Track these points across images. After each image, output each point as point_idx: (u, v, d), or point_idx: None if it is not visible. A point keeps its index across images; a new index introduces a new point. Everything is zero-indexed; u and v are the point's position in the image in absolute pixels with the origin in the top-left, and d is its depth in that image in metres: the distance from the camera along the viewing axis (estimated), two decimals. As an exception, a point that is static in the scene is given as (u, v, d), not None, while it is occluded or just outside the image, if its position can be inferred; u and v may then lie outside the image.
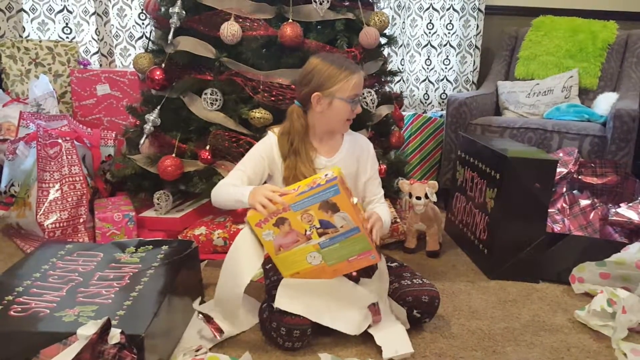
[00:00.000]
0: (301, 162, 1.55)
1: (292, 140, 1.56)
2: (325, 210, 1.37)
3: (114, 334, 1.13)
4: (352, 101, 1.54)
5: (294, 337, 1.41)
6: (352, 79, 1.51)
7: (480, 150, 2.16)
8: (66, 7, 3.02)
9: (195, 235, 2.07)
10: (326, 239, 1.40)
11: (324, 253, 1.43)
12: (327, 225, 1.39)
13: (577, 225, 2.23)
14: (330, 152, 1.62)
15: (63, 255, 1.59)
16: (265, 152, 1.59)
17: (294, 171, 1.54)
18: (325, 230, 1.40)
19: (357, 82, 1.53)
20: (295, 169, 1.54)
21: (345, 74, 1.51)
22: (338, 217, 1.38)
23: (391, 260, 1.67)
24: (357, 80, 1.53)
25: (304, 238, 1.41)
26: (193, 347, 1.40)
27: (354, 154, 1.64)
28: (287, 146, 1.56)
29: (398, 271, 1.60)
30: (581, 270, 1.86)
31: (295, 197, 1.37)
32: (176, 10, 2.07)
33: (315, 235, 1.40)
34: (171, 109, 2.16)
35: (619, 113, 2.42)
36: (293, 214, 1.38)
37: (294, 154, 1.56)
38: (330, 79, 1.51)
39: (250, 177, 1.58)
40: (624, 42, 3.04)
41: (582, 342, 1.55)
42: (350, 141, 1.66)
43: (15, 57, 2.87)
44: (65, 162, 2.14)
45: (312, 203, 1.36)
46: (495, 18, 3.38)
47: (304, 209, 1.37)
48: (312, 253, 1.43)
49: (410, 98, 3.47)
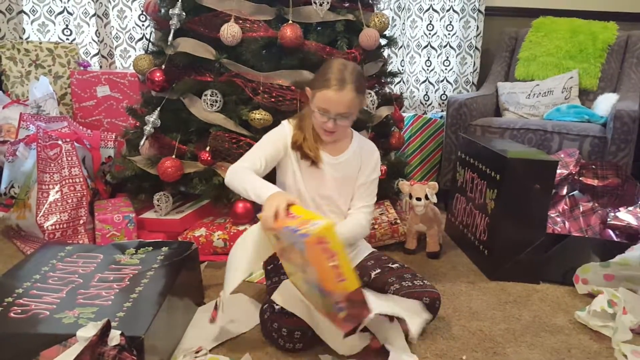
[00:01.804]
0: (309, 136, 1.57)
1: (303, 122, 1.59)
2: (298, 255, 1.27)
3: (114, 336, 1.13)
4: (321, 113, 1.50)
5: (295, 338, 1.40)
6: (326, 93, 1.47)
7: (480, 151, 2.16)
8: (66, 8, 3.02)
9: (195, 237, 2.07)
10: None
11: (307, 289, 1.36)
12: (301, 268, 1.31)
13: (577, 228, 2.23)
14: (336, 151, 1.62)
15: (63, 256, 1.59)
16: (281, 141, 1.59)
17: (301, 140, 1.57)
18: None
19: (330, 99, 1.47)
20: (304, 139, 1.57)
21: (325, 84, 1.48)
22: (309, 268, 1.27)
23: (392, 261, 1.66)
24: (332, 96, 1.47)
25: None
26: (193, 349, 1.40)
27: (359, 157, 1.64)
28: (300, 135, 1.58)
29: (399, 272, 1.59)
30: (585, 271, 1.85)
31: (281, 226, 1.28)
32: (176, 11, 2.07)
33: None
34: (171, 110, 2.16)
35: (619, 114, 2.42)
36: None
37: (305, 128, 1.58)
38: (317, 81, 1.52)
39: (268, 160, 1.57)
40: (624, 42, 3.04)
41: (582, 343, 1.55)
42: (359, 144, 1.66)
43: (16, 59, 2.87)
44: (65, 164, 2.14)
45: (289, 241, 1.28)
46: (495, 19, 3.38)
47: (288, 240, 1.29)
48: (302, 280, 1.36)
49: (410, 99, 3.47)
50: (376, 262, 1.65)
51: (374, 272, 1.61)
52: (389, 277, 1.57)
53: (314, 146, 1.58)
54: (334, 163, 1.61)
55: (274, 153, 1.58)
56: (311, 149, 1.57)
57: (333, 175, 1.61)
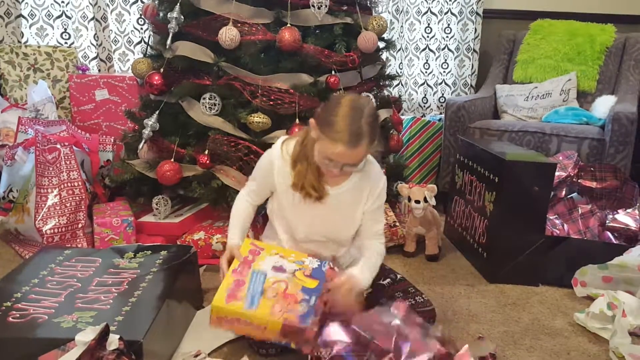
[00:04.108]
0: (311, 171, 1.45)
1: (306, 149, 1.46)
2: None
3: (113, 340, 1.13)
4: (327, 161, 1.38)
5: (267, 343, 1.40)
6: (337, 147, 1.33)
7: (479, 154, 2.16)
8: (65, 12, 3.02)
9: (194, 240, 2.06)
10: None
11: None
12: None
13: (576, 230, 2.23)
14: (336, 182, 1.50)
15: (61, 260, 1.58)
16: (266, 173, 1.52)
17: (303, 180, 1.46)
18: None
19: (341, 154, 1.34)
20: (305, 177, 1.46)
21: (337, 136, 1.32)
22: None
23: (384, 274, 1.64)
24: (343, 152, 1.33)
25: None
26: (192, 352, 1.40)
27: (362, 187, 1.52)
28: (299, 150, 1.47)
29: (390, 291, 1.58)
30: (583, 273, 1.85)
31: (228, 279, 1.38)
32: (174, 15, 2.07)
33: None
34: (170, 113, 2.16)
35: (618, 116, 2.43)
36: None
37: (305, 159, 1.46)
38: (327, 126, 1.35)
39: (259, 192, 1.59)
40: (621, 45, 3.05)
41: (581, 345, 1.55)
42: (363, 174, 1.51)
43: (14, 63, 2.87)
44: (64, 168, 2.14)
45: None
46: (493, 22, 3.38)
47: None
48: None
49: (408, 102, 3.47)
50: None
51: (366, 292, 1.58)
52: (380, 297, 1.56)
53: (318, 185, 1.46)
54: (334, 194, 1.50)
55: (267, 185, 1.54)
56: (315, 189, 1.46)
57: (333, 206, 1.50)
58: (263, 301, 1.32)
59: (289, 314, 1.29)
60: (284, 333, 1.29)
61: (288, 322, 1.28)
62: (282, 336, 1.30)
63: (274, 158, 1.51)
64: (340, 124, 1.32)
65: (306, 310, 1.31)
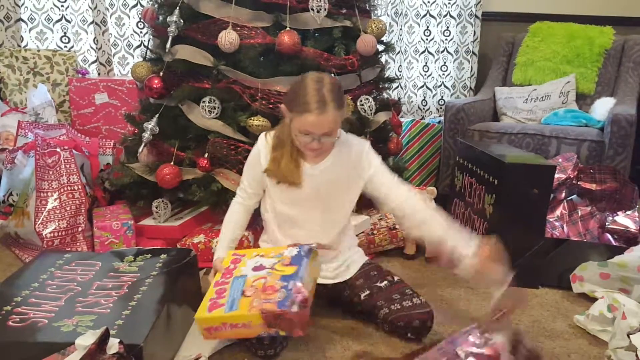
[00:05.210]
0: (287, 158, 1.52)
1: (283, 135, 1.53)
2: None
3: (113, 344, 1.13)
4: (304, 134, 1.45)
5: (264, 344, 1.41)
6: (307, 117, 1.41)
7: (478, 156, 2.16)
8: (64, 16, 3.03)
9: (194, 244, 2.06)
10: None
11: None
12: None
13: (575, 232, 2.23)
14: (315, 159, 1.55)
15: (61, 264, 1.58)
16: (257, 165, 1.58)
17: (278, 165, 1.53)
18: None
19: (313, 123, 1.42)
20: (280, 164, 1.52)
21: (305, 107, 1.41)
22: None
23: (382, 276, 1.64)
24: (314, 120, 1.41)
25: None
26: (192, 356, 1.40)
27: (343, 161, 1.57)
28: (275, 161, 1.54)
29: (388, 293, 1.58)
30: (583, 269, 1.85)
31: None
32: (174, 18, 2.07)
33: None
34: (169, 117, 2.17)
35: (617, 118, 2.43)
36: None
37: (281, 147, 1.53)
38: (294, 104, 1.45)
39: (253, 186, 1.62)
40: (620, 47, 3.05)
41: (582, 347, 1.55)
42: (341, 148, 1.57)
43: (14, 67, 2.88)
44: (64, 171, 2.14)
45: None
46: (492, 24, 3.39)
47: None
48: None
49: (408, 104, 3.47)
50: (365, 280, 1.63)
51: (363, 294, 1.60)
52: (377, 300, 1.57)
53: (293, 169, 1.52)
54: (317, 172, 1.55)
55: (256, 176, 1.59)
56: (289, 174, 1.52)
57: (323, 182, 1.56)
58: (242, 300, 1.32)
59: (267, 303, 1.29)
60: (267, 322, 1.29)
61: (265, 310, 1.28)
62: (267, 326, 1.29)
63: (260, 146, 1.59)
64: (306, 97, 1.42)
65: (284, 296, 1.30)
